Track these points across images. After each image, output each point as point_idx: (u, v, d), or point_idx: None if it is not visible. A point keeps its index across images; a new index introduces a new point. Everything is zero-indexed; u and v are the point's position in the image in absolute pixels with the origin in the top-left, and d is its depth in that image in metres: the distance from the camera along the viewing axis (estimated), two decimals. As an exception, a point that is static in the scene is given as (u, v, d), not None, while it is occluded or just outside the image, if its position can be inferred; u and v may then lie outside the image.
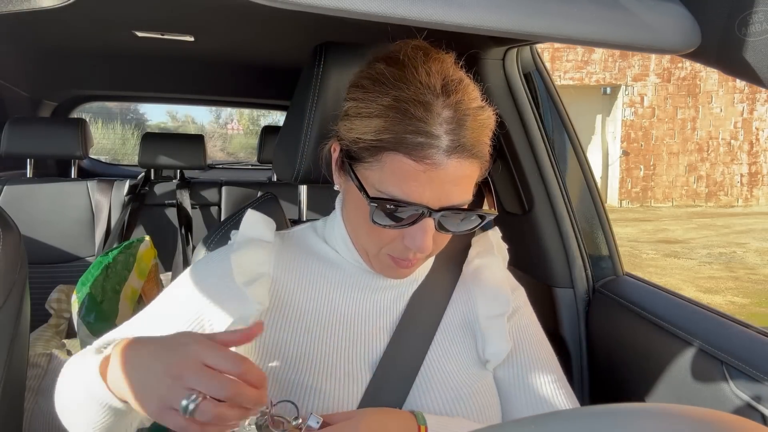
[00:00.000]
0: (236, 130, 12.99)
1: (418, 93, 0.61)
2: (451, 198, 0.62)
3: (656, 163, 10.00)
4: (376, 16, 0.40)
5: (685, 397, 0.93)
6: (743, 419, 0.31)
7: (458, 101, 0.61)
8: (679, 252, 6.40)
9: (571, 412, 0.34)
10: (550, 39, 0.46)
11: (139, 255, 1.49)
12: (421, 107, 0.60)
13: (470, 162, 0.63)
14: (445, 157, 0.60)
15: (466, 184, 0.64)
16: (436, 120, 0.60)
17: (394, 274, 0.71)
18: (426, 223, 0.63)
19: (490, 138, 0.66)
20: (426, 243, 0.63)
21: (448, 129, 0.60)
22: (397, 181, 0.61)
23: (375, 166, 0.63)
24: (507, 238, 0.87)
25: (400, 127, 0.60)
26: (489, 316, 0.76)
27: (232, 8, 1.25)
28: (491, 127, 0.66)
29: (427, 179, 0.61)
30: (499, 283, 0.80)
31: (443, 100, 0.61)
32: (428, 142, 0.60)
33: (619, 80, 9.78)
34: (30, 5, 0.44)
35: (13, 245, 0.76)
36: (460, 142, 0.60)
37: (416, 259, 0.68)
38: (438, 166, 0.60)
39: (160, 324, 0.72)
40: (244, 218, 0.77)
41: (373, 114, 0.62)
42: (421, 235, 0.63)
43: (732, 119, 9.98)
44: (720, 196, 10.14)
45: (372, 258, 0.71)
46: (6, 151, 2.10)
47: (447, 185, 0.61)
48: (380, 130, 0.62)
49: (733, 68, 0.49)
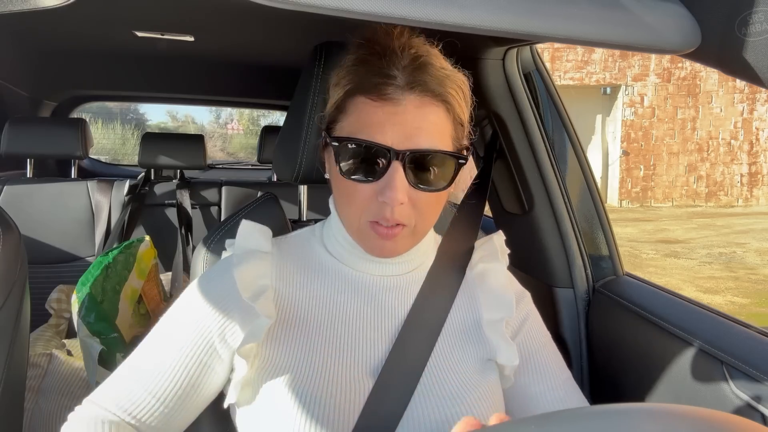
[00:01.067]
0: (236, 130, 12.99)
1: (380, 48, 0.65)
2: (416, 140, 0.63)
3: (656, 163, 10.00)
4: (376, 16, 0.40)
5: (685, 397, 0.93)
6: (743, 419, 0.31)
7: (416, 53, 0.65)
8: (679, 252, 6.40)
9: (571, 412, 0.34)
10: (550, 39, 0.46)
11: (139, 255, 1.49)
12: (380, 56, 0.65)
13: (434, 104, 0.65)
14: (402, 94, 0.63)
15: (434, 130, 0.64)
16: (393, 64, 0.64)
17: (380, 249, 0.70)
18: (394, 169, 0.63)
19: (461, 99, 0.68)
20: (396, 192, 0.63)
21: (406, 71, 0.64)
22: (360, 124, 0.65)
23: (343, 120, 0.67)
24: (507, 238, 0.87)
25: (361, 74, 0.65)
26: (492, 320, 0.76)
27: (232, 8, 1.25)
28: (460, 85, 0.68)
29: (388, 117, 0.63)
30: (504, 289, 0.79)
31: (400, 52, 0.64)
32: (385, 81, 0.63)
33: (619, 80, 9.78)
34: (30, 5, 0.44)
35: (13, 245, 0.76)
36: (417, 81, 0.63)
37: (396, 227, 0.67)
38: (397, 103, 0.63)
39: (168, 351, 0.70)
40: (239, 230, 0.76)
41: (341, 75, 0.68)
42: (391, 183, 0.63)
43: (732, 119, 9.98)
44: (720, 196, 10.14)
45: (357, 234, 0.70)
46: (6, 151, 2.10)
47: (410, 126, 0.63)
48: (345, 84, 0.67)
49: (733, 68, 0.49)
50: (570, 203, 1.24)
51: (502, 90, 1.23)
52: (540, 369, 0.78)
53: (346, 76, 0.67)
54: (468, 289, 0.80)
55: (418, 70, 0.64)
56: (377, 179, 0.64)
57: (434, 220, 0.73)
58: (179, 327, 0.72)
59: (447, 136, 0.67)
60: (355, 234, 0.71)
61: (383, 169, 0.64)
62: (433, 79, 0.64)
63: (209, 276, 0.76)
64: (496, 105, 1.23)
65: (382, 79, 0.63)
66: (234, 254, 0.74)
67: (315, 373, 0.67)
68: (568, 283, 1.24)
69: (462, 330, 0.76)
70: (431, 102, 0.64)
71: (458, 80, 0.68)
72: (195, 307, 0.72)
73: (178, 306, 0.74)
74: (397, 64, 0.64)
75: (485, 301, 0.78)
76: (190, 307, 0.73)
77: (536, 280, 1.29)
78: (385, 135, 0.63)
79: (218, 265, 0.77)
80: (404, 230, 0.68)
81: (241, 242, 0.75)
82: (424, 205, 0.68)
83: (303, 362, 0.68)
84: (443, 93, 0.65)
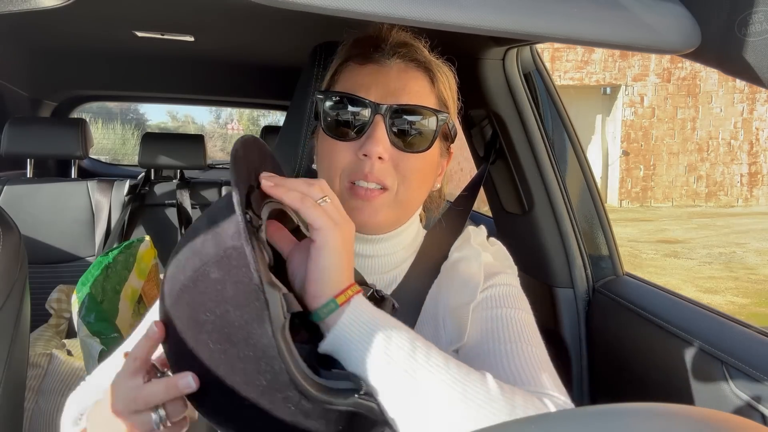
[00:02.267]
0: (236, 130, 12.99)
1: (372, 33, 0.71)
2: (398, 97, 0.67)
3: (656, 163, 10.00)
4: (376, 16, 0.40)
5: (685, 397, 0.93)
6: (743, 419, 0.31)
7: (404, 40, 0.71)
8: (679, 252, 6.40)
9: (571, 412, 0.34)
10: (550, 39, 0.46)
11: (139, 255, 1.49)
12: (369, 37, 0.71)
13: (418, 72, 0.69)
14: (389, 59, 0.69)
15: (415, 94, 0.68)
16: (382, 41, 0.70)
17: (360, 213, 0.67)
18: (376, 122, 0.65)
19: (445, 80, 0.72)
20: (377, 145, 0.64)
21: (392, 44, 0.70)
22: (348, 85, 0.69)
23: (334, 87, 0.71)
24: (507, 238, 0.86)
25: (353, 48, 0.72)
26: (455, 306, 0.72)
27: (231, 8, 1.25)
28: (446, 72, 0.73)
29: (372, 76, 0.68)
30: (471, 273, 0.75)
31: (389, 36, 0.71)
32: (374, 49, 0.69)
33: (619, 80, 9.78)
34: (30, 5, 0.44)
35: (13, 245, 0.76)
36: (402, 50, 0.69)
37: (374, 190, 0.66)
38: (383, 64, 0.69)
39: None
40: None
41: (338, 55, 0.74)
42: (372, 135, 0.65)
43: (732, 119, 9.98)
44: (720, 196, 10.14)
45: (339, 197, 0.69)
46: (6, 151, 2.10)
47: (392, 85, 0.67)
48: (339, 58, 0.73)
49: (733, 68, 0.49)
50: (570, 203, 1.24)
51: (502, 90, 1.23)
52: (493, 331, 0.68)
53: (340, 53, 0.74)
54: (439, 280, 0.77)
55: (403, 45, 0.70)
56: (359, 136, 0.66)
57: (419, 192, 0.71)
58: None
59: (427, 97, 0.69)
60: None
61: (365, 124, 0.66)
62: (418, 51, 0.70)
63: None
64: (496, 105, 1.23)
65: (370, 48, 0.69)
66: None
67: None
68: (568, 283, 1.24)
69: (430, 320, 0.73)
70: (415, 69, 0.69)
71: (443, 67, 0.73)
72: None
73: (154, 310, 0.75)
74: (386, 40, 0.70)
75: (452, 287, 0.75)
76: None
77: (536, 280, 1.29)
78: (368, 92, 0.67)
79: None
80: (385, 195, 0.67)
81: None
82: (406, 169, 0.67)
83: None
84: (427, 63, 0.70)
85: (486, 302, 0.72)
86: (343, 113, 0.67)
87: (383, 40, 0.70)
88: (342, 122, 0.67)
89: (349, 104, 0.67)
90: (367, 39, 0.71)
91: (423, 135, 0.67)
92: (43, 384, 1.33)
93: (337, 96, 0.68)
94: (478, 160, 1.35)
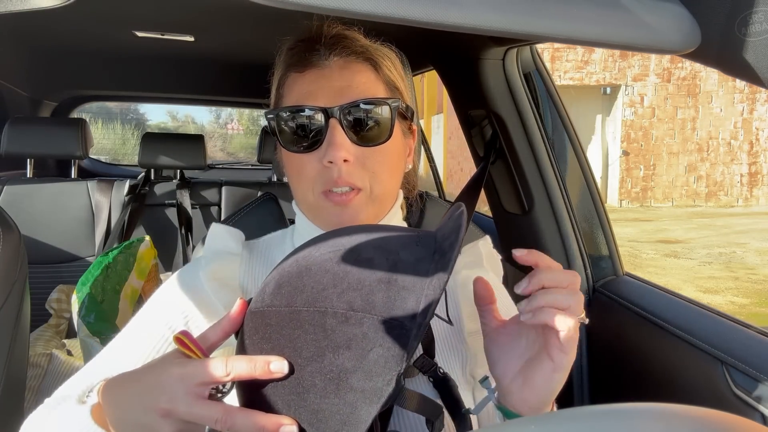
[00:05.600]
0: (236, 130, 12.99)
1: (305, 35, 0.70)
2: (347, 95, 0.65)
3: (656, 163, 10.00)
4: (376, 16, 0.40)
5: (685, 397, 0.93)
6: (743, 419, 0.31)
7: (338, 32, 0.69)
8: (679, 252, 6.40)
9: (571, 412, 0.34)
10: (550, 39, 0.46)
11: (139, 255, 1.49)
12: (305, 40, 0.69)
13: (359, 64, 0.68)
14: (327, 59, 0.67)
15: (363, 88, 0.66)
16: (317, 41, 0.68)
17: (339, 219, 0.67)
18: (332, 127, 0.64)
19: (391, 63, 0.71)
20: (338, 150, 0.63)
21: (327, 44, 0.68)
22: (294, 97, 0.67)
23: (281, 101, 0.70)
24: (507, 238, 0.86)
25: (289, 56, 0.70)
26: (473, 331, 0.71)
27: (232, 8, 1.25)
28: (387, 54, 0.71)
29: (315, 82, 0.66)
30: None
31: (324, 33, 0.69)
32: (308, 54, 0.67)
33: (619, 80, 9.78)
34: (30, 5, 0.44)
35: (13, 245, 0.77)
36: (339, 45, 0.67)
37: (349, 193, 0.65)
38: (322, 67, 0.67)
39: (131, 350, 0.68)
40: (209, 232, 0.77)
41: (276, 67, 0.73)
42: (332, 142, 0.64)
43: (732, 119, 9.98)
44: (720, 196, 10.14)
45: (314, 210, 0.69)
46: (6, 151, 2.10)
47: (337, 85, 0.66)
48: (278, 71, 0.71)
49: (733, 68, 0.49)
50: (570, 203, 1.24)
51: (502, 90, 1.23)
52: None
53: (277, 63, 0.72)
54: (451, 297, 0.75)
55: (340, 39, 0.68)
56: (319, 145, 0.65)
57: (392, 183, 0.71)
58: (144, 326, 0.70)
59: (379, 93, 0.68)
60: (312, 211, 0.70)
61: (322, 131, 0.65)
62: (355, 43, 0.68)
63: (176, 278, 0.74)
64: (496, 105, 1.23)
65: (306, 52, 0.67)
66: (202, 256, 0.74)
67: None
68: (568, 283, 1.24)
69: (445, 339, 0.72)
70: (356, 61, 0.68)
71: (383, 50, 0.71)
72: (161, 305, 0.71)
73: (147, 306, 0.73)
74: (319, 40, 0.68)
75: (466, 310, 0.74)
76: (156, 306, 0.72)
77: (536, 280, 1.29)
78: (316, 98, 0.65)
79: (186, 267, 0.76)
80: (360, 195, 0.67)
81: (210, 244, 0.75)
82: (374, 164, 0.67)
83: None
84: (367, 52, 0.68)
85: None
86: (297, 126, 0.65)
87: (316, 40, 0.68)
88: (299, 135, 0.66)
89: (300, 116, 0.65)
90: (300, 44, 0.69)
91: (381, 125, 0.66)
92: (43, 384, 1.33)
93: (287, 111, 0.66)
94: (478, 160, 1.35)
